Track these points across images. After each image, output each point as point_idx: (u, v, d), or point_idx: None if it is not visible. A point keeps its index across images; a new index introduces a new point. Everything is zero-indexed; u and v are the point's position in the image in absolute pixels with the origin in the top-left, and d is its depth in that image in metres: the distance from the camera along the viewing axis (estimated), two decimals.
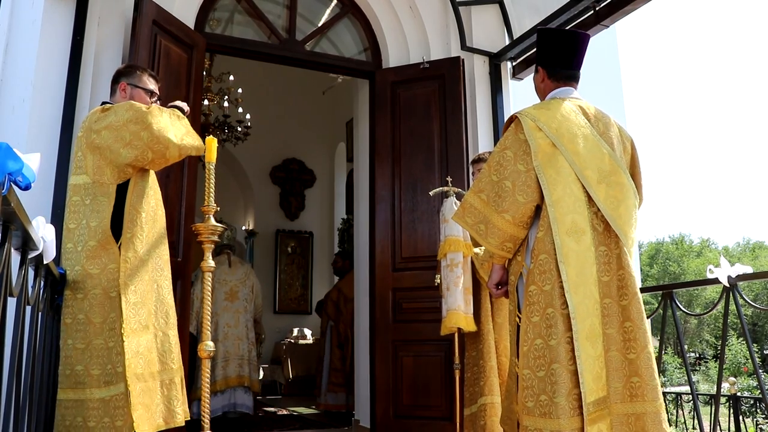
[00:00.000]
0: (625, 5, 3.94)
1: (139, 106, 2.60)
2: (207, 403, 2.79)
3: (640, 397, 2.13)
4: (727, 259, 2.97)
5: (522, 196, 2.26)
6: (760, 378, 3.27)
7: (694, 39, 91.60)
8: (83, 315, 2.45)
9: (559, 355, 2.12)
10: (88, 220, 2.52)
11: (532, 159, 2.27)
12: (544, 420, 2.11)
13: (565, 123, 2.31)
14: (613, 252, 2.25)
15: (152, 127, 2.54)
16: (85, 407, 2.38)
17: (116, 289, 2.48)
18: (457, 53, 4.83)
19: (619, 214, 2.26)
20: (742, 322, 3.05)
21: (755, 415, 7.26)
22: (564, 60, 2.49)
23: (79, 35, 3.53)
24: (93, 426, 2.36)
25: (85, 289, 2.46)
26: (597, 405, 2.11)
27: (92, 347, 2.43)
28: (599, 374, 2.14)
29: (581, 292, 2.17)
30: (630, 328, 2.18)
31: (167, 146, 2.58)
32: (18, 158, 1.32)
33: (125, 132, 2.53)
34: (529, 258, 2.30)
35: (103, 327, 2.44)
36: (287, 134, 9.71)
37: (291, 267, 9.89)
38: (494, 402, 3.28)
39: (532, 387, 2.17)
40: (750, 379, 11.66)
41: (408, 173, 4.67)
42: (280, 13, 4.89)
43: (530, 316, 2.22)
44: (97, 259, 2.49)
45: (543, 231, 2.25)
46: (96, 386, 2.40)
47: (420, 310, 4.41)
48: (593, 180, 2.27)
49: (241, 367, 5.39)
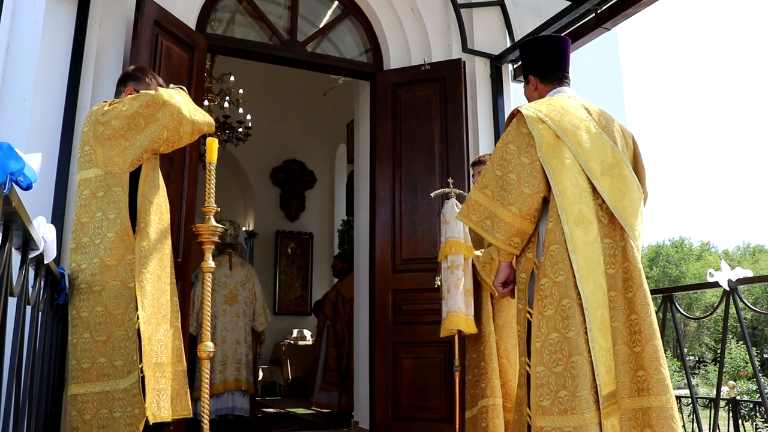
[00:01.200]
0: (626, 8, 3.95)
1: (146, 92, 2.61)
2: (206, 403, 2.79)
3: (646, 391, 2.08)
4: (727, 263, 2.97)
5: (528, 187, 2.21)
6: (759, 382, 3.27)
7: (695, 42, 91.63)
8: (101, 307, 2.45)
9: (579, 347, 2.06)
10: (105, 212, 2.52)
11: (537, 150, 2.23)
12: (565, 417, 2.03)
13: (567, 116, 2.29)
14: (618, 244, 2.22)
15: (167, 104, 2.54)
16: (110, 398, 2.39)
17: (134, 280, 2.49)
18: (458, 55, 4.83)
19: (623, 205, 2.24)
20: (742, 326, 3.05)
21: (755, 419, 7.26)
22: (552, 63, 2.50)
23: (81, 35, 3.53)
24: (119, 416, 2.37)
25: (103, 282, 2.47)
26: (608, 399, 2.07)
27: (114, 338, 2.44)
28: (610, 367, 2.10)
29: (591, 282, 2.13)
30: (635, 320, 2.14)
31: (180, 122, 2.58)
32: (19, 158, 1.32)
33: (139, 118, 2.55)
34: (541, 252, 2.24)
35: (124, 318, 2.46)
36: (288, 135, 9.72)
37: (291, 268, 9.89)
38: (495, 404, 3.28)
39: (548, 384, 2.08)
40: (750, 383, 11.64)
41: (408, 175, 4.67)
42: (282, 14, 4.90)
43: (543, 310, 2.15)
44: (115, 251, 2.49)
45: (553, 221, 2.20)
46: (120, 377, 2.42)
47: (420, 312, 4.41)
48: (597, 172, 2.24)
49: (239, 370, 5.39)
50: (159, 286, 2.62)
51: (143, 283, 2.50)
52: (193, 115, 2.65)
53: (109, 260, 2.49)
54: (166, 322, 2.64)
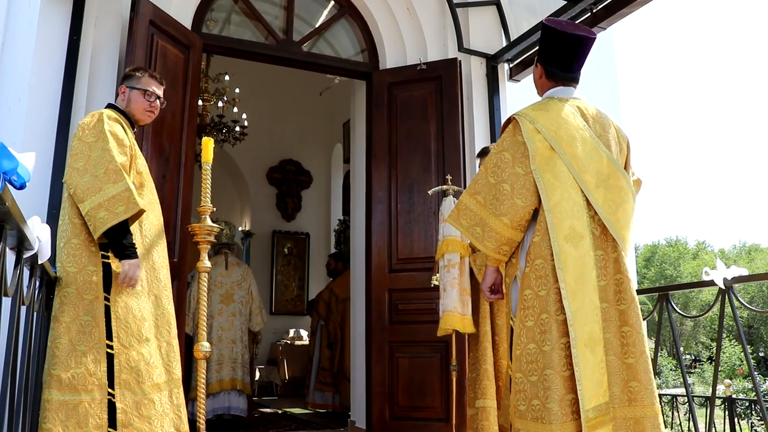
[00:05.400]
0: (622, 8, 3.96)
1: (101, 155, 2.46)
2: (203, 403, 2.78)
3: (639, 402, 2.13)
4: (722, 262, 2.97)
5: (521, 200, 2.23)
6: (755, 380, 3.28)
7: (691, 42, 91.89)
8: (53, 312, 2.38)
9: (552, 361, 2.11)
10: (70, 216, 2.46)
11: (531, 162, 2.24)
12: (536, 424, 2.11)
13: (564, 126, 2.29)
14: (610, 256, 2.24)
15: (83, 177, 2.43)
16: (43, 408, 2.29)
17: (93, 293, 2.41)
18: (454, 55, 4.83)
19: (617, 218, 2.25)
20: (737, 324, 3.06)
21: (750, 417, 7.29)
22: (563, 62, 2.43)
23: (76, 35, 3.52)
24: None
25: (58, 287, 2.40)
26: (598, 411, 2.09)
27: (56, 345, 2.34)
28: (600, 380, 2.12)
29: (580, 298, 2.15)
30: (628, 332, 2.18)
31: (81, 201, 2.43)
32: (12, 157, 1.32)
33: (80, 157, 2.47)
34: (524, 261, 2.28)
35: (70, 326, 2.36)
36: (284, 135, 9.71)
37: (287, 268, 9.88)
38: (486, 406, 3.28)
39: (524, 391, 2.16)
40: (745, 381, 11.70)
41: (405, 174, 4.67)
42: (277, 13, 4.89)
43: (524, 320, 2.21)
44: (77, 258, 2.42)
45: (539, 236, 2.23)
46: (56, 387, 2.30)
47: (416, 312, 4.41)
48: (591, 184, 2.26)
49: (234, 370, 5.39)
50: (159, 303, 2.61)
51: (118, 308, 2.42)
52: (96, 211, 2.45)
53: (70, 266, 2.41)
54: (176, 337, 2.63)
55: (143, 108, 2.76)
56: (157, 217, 2.73)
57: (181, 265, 3.83)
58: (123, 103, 2.75)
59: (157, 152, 3.75)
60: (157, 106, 2.81)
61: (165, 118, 3.73)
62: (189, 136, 4.04)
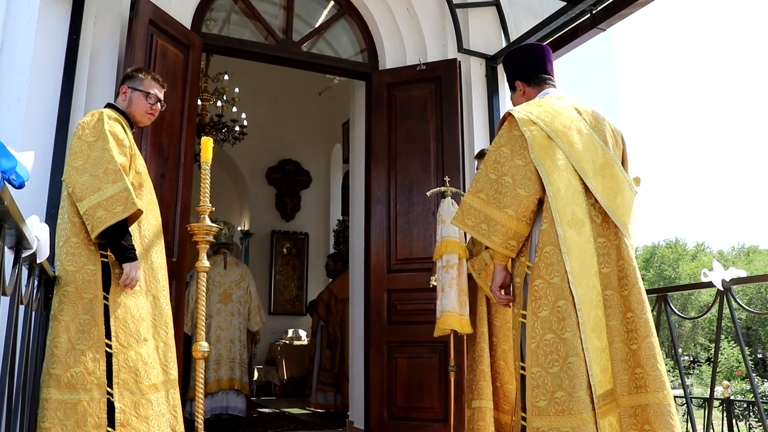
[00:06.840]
0: (622, 9, 3.96)
1: (100, 155, 2.46)
2: (201, 403, 2.78)
3: (644, 389, 2.10)
4: (721, 263, 2.98)
5: (523, 189, 2.22)
6: (753, 382, 3.28)
7: (690, 43, 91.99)
8: (52, 311, 2.38)
9: (576, 348, 2.07)
10: (69, 215, 2.46)
11: (529, 152, 2.24)
12: (562, 417, 2.04)
13: (558, 117, 2.30)
14: (612, 243, 2.23)
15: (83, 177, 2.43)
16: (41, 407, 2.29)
17: (92, 292, 2.40)
18: (453, 55, 4.84)
19: (616, 204, 2.25)
20: (735, 326, 3.06)
21: (748, 419, 7.30)
22: (535, 66, 2.52)
23: (75, 34, 3.52)
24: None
25: (58, 285, 2.40)
26: (605, 398, 2.09)
27: (55, 344, 2.33)
28: (606, 366, 2.11)
29: (584, 283, 2.14)
30: (631, 318, 2.16)
31: (80, 200, 2.43)
32: (11, 156, 1.32)
33: (79, 157, 2.47)
34: (533, 255, 2.25)
35: (69, 325, 2.35)
36: (283, 135, 9.71)
37: (286, 268, 9.88)
38: (481, 407, 3.28)
39: (544, 385, 2.09)
40: (743, 383, 11.70)
41: (404, 175, 4.67)
42: (277, 13, 4.89)
43: (537, 311, 2.16)
44: (76, 257, 2.42)
45: (547, 223, 2.21)
46: (55, 386, 2.30)
47: (415, 312, 4.41)
48: (590, 172, 2.26)
49: (233, 370, 5.38)
50: (157, 303, 2.60)
51: (117, 308, 2.42)
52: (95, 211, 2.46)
53: (69, 265, 2.41)
54: (173, 338, 2.61)
55: (144, 110, 2.75)
56: (155, 217, 2.73)
57: (180, 264, 3.83)
58: (124, 104, 2.74)
59: (157, 152, 3.75)
60: (158, 108, 2.81)
61: (164, 117, 3.73)
62: (188, 135, 4.04)
